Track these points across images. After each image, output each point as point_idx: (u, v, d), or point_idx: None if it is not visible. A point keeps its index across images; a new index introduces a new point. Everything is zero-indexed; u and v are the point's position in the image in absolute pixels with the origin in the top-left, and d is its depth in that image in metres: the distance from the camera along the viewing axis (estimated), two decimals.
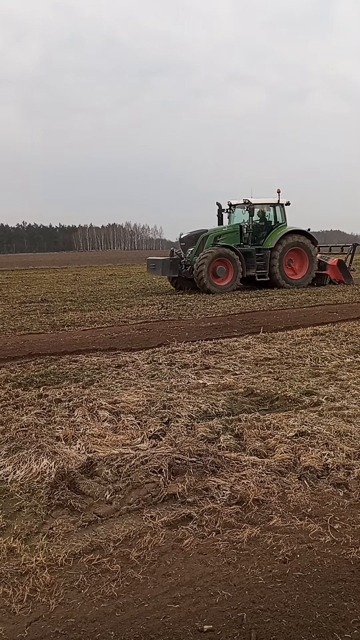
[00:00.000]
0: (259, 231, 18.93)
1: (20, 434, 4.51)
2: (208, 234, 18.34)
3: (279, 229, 18.75)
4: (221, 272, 17.66)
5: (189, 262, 18.08)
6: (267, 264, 18.40)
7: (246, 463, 3.85)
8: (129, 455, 4.02)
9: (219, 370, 6.66)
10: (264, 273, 18.43)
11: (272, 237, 18.53)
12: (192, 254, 18.06)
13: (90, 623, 2.34)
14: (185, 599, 2.48)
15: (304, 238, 18.76)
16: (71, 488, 3.57)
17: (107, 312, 13.20)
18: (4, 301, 16.66)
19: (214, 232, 18.49)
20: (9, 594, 2.53)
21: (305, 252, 18.75)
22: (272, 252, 18.33)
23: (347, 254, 20.28)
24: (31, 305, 15.06)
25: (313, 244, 18.99)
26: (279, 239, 18.34)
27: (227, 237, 18.45)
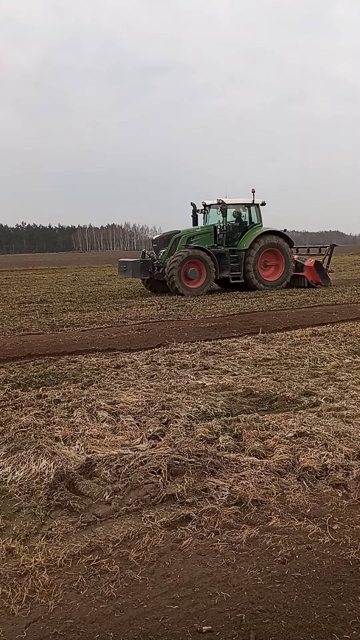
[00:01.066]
0: (234, 232, 18.53)
1: (19, 434, 4.50)
2: (180, 235, 17.92)
3: (254, 230, 18.36)
4: (193, 274, 17.22)
5: (161, 263, 17.61)
6: (241, 266, 18.03)
7: (245, 464, 3.85)
8: (128, 456, 4.02)
9: (218, 371, 6.66)
10: (238, 275, 18.05)
11: (247, 238, 18.15)
12: (164, 256, 17.65)
13: (89, 624, 2.34)
14: (184, 600, 2.48)
15: (280, 239, 18.42)
16: (70, 489, 3.57)
17: (106, 313, 13.20)
18: (3, 302, 16.65)
19: (187, 233, 18.05)
20: (8, 594, 2.52)
21: (281, 254, 18.42)
22: (247, 253, 17.98)
23: (325, 255, 19.93)
24: (30, 306, 15.06)
25: (289, 244, 18.66)
26: (254, 240, 17.97)
27: (201, 238, 18.04)
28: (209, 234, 18.27)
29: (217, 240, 18.31)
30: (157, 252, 18.20)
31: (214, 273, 17.44)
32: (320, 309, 12.46)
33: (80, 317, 12.54)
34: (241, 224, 18.66)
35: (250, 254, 17.95)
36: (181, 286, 16.93)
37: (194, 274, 17.24)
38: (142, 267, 17.63)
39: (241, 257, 17.99)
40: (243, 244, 18.08)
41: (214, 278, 17.59)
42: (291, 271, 18.55)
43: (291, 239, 18.91)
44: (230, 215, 18.62)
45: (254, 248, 17.95)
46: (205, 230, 18.42)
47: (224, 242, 18.32)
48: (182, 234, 18.03)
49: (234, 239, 18.42)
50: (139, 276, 18.08)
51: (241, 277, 18.06)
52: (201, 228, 18.60)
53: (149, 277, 17.97)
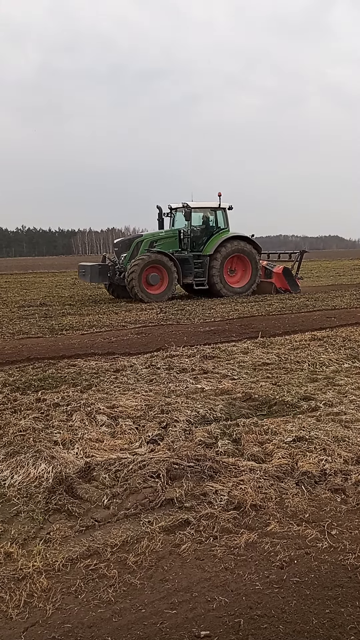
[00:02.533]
0: (200, 237, 17.88)
1: (18, 438, 4.50)
2: (143, 239, 17.31)
3: (220, 235, 17.75)
4: (154, 279, 16.55)
5: (122, 268, 16.96)
6: (206, 272, 17.40)
7: (244, 468, 3.85)
8: (126, 460, 4.01)
9: (217, 375, 6.66)
10: (202, 281, 17.44)
11: (212, 243, 17.53)
12: (125, 260, 17.01)
13: (87, 629, 2.34)
14: (182, 605, 2.48)
15: (247, 244, 17.80)
16: (69, 493, 3.57)
17: (106, 317, 13.20)
18: (2, 305, 16.66)
19: (150, 237, 17.46)
20: (6, 599, 2.52)
21: (248, 259, 17.84)
22: (212, 258, 17.33)
23: (294, 261, 19.37)
24: (30, 309, 15.06)
25: (256, 250, 18.01)
26: (219, 245, 17.36)
27: (165, 242, 17.41)
28: (173, 239, 17.66)
29: (182, 245, 17.67)
30: (118, 256, 17.53)
31: (176, 279, 16.85)
32: (319, 314, 12.47)
33: (80, 320, 12.54)
34: (208, 228, 18.13)
35: (216, 259, 17.34)
36: (141, 292, 16.30)
37: (155, 279, 16.60)
38: (101, 272, 17.07)
39: (206, 263, 17.41)
40: (208, 249, 17.49)
41: (176, 284, 17.06)
42: (259, 278, 18.07)
43: (259, 245, 18.24)
44: (197, 220, 18.09)
45: (219, 253, 17.35)
46: (170, 234, 17.82)
47: (189, 246, 17.61)
48: (144, 237, 17.48)
49: (199, 244, 17.79)
50: (97, 281, 17.64)
51: (205, 283, 17.46)
52: (165, 232, 18.00)
53: (107, 281, 17.47)
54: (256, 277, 18.01)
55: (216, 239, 17.64)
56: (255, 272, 17.98)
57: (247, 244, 17.85)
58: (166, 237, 17.67)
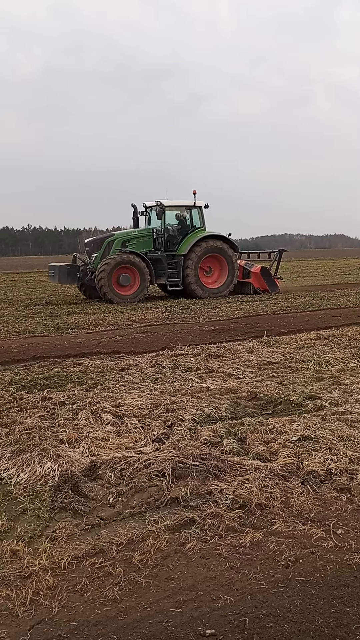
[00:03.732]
0: (174, 236, 17.29)
1: (24, 436, 4.52)
2: (114, 238, 16.80)
3: (195, 234, 17.18)
4: (125, 280, 16.06)
5: (93, 268, 16.42)
6: (180, 272, 16.80)
7: (249, 467, 3.85)
8: (132, 459, 4.02)
9: (222, 374, 6.66)
10: (177, 282, 16.86)
11: (186, 242, 16.94)
12: (96, 260, 16.50)
13: (92, 627, 2.35)
14: (187, 604, 2.49)
15: (223, 244, 17.26)
16: (74, 491, 3.58)
17: (111, 315, 13.22)
18: (8, 304, 16.71)
19: (122, 237, 16.96)
20: (12, 596, 2.53)
21: (225, 259, 17.30)
22: (186, 258, 16.75)
23: (273, 260, 18.79)
24: (36, 308, 15.10)
25: (233, 250, 17.45)
26: (194, 245, 16.79)
27: (138, 242, 16.89)
28: (147, 238, 17.12)
29: (156, 245, 17.15)
30: (89, 256, 17.05)
31: (148, 280, 16.40)
32: (325, 313, 12.44)
33: (85, 319, 12.57)
34: (183, 227, 17.56)
35: (190, 259, 16.77)
36: (111, 293, 15.84)
37: (126, 280, 16.12)
38: (69, 272, 16.67)
39: (180, 263, 16.83)
40: (182, 248, 16.91)
41: (148, 285, 16.61)
42: (236, 278, 17.56)
43: (235, 244, 17.74)
44: (172, 219, 17.53)
45: (194, 253, 16.80)
46: (144, 233, 17.28)
47: (163, 246, 17.07)
48: (116, 237, 16.99)
49: (174, 244, 17.20)
50: (65, 282, 17.18)
51: (180, 283, 16.91)
52: (138, 231, 17.46)
53: (76, 282, 17.13)
54: (233, 277, 17.47)
55: (191, 238, 17.09)
56: (232, 272, 17.43)
57: (223, 243, 17.34)
58: (139, 237, 17.12)
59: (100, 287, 15.86)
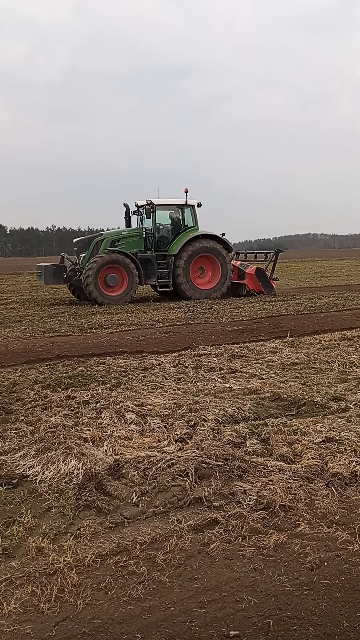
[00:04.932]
0: (166, 236, 16.96)
1: (49, 434, 4.57)
2: (103, 238, 16.44)
3: (187, 234, 16.77)
4: (113, 280, 15.75)
5: (82, 268, 16.09)
6: (170, 273, 16.47)
7: (273, 468, 3.83)
8: (155, 458, 4.03)
9: (245, 375, 6.63)
10: (167, 282, 16.58)
11: (177, 242, 16.55)
12: (84, 260, 16.20)
13: (117, 624, 2.36)
14: (211, 604, 2.48)
15: (216, 243, 16.85)
16: (98, 489, 3.60)
17: (134, 315, 13.28)
18: (33, 303, 16.92)
19: (111, 237, 16.59)
20: (37, 593, 2.56)
21: (218, 260, 16.87)
22: (177, 258, 16.39)
23: (269, 261, 18.34)
24: (60, 308, 15.26)
25: (227, 250, 17.07)
26: (184, 245, 16.40)
27: (128, 241, 16.50)
28: (137, 238, 16.68)
29: (147, 245, 16.77)
30: (78, 256, 16.80)
31: (137, 281, 16.12)
32: (349, 313, 12.29)
33: (109, 319, 12.65)
34: (175, 226, 17.21)
35: (181, 259, 16.39)
36: (98, 294, 15.55)
37: (114, 280, 15.81)
38: (55, 273, 16.36)
39: (171, 263, 16.50)
40: (173, 248, 16.54)
41: (137, 286, 16.36)
42: (229, 279, 17.16)
43: (229, 244, 17.32)
44: (163, 218, 17.23)
45: (185, 253, 16.41)
46: (135, 233, 16.85)
47: (154, 246, 16.73)
48: (104, 236, 16.63)
49: (165, 244, 16.84)
50: (51, 282, 16.92)
51: (170, 284, 16.63)
52: (129, 231, 17.05)
53: (61, 283, 16.93)
54: (226, 278, 17.05)
55: (182, 238, 16.68)
56: (226, 273, 17.00)
57: (216, 243, 16.93)
58: (129, 236, 16.72)
59: (87, 287, 15.57)
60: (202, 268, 17.08)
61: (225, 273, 17.03)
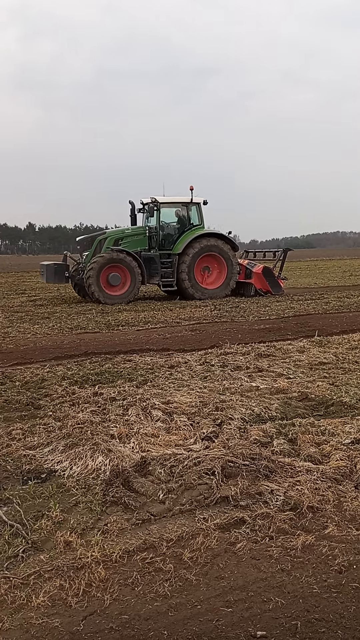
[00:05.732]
0: (171, 234, 16.66)
1: (76, 430, 4.61)
2: (106, 236, 16.23)
3: (192, 232, 16.44)
4: (115, 280, 15.46)
5: (84, 267, 15.85)
6: (174, 272, 16.14)
7: (300, 469, 3.79)
8: (181, 456, 4.04)
9: (272, 374, 6.58)
10: (170, 282, 16.24)
11: (182, 241, 16.23)
12: (87, 259, 15.96)
13: (143, 621, 2.37)
14: (238, 604, 2.47)
15: (222, 242, 16.47)
16: (125, 486, 3.62)
17: (161, 313, 13.32)
18: (61, 300, 17.11)
19: (114, 235, 16.32)
20: (66, 586, 2.59)
21: (223, 259, 16.44)
22: (180, 257, 16.11)
23: (277, 260, 17.78)
24: (87, 305, 15.39)
25: (233, 249, 16.68)
26: (189, 243, 16.09)
27: (132, 240, 16.20)
28: (141, 236, 16.38)
29: (152, 243, 16.43)
30: (81, 255, 16.63)
31: (140, 280, 15.80)
32: None
33: (135, 316, 12.72)
34: (181, 225, 16.87)
35: (185, 258, 16.10)
36: (99, 293, 15.31)
37: (116, 279, 15.51)
38: (56, 271, 16.15)
39: (175, 262, 16.19)
40: (177, 247, 16.23)
41: (140, 285, 16.02)
42: (235, 278, 16.73)
43: (235, 243, 16.99)
44: (168, 216, 16.86)
45: (189, 252, 16.12)
46: (139, 231, 16.53)
47: (159, 245, 16.38)
48: (107, 235, 16.41)
49: (170, 242, 16.52)
50: (52, 281, 16.72)
51: (173, 284, 16.31)
52: (132, 229, 16.70)
53: (64, 282, 16.70)
54: (232, 277, 16.67)
55: (187, 236, 16.37)
56: (231, 273, 16.62)
57: (222, 242, 16.55)
58: (133, 235, 16.38)
59: (89, 287, 15.38)
60: (207, 267, 16.77)
61: (231, 273, 16.68)
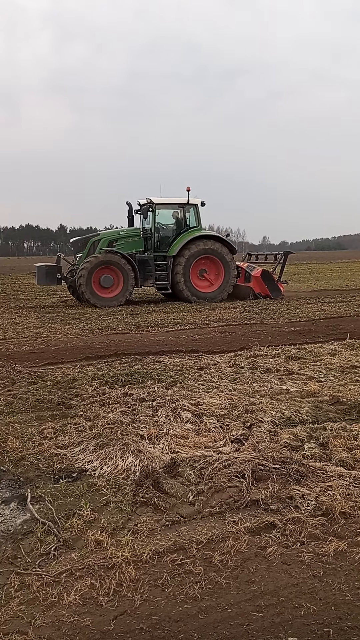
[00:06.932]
0: (167, 236, 16.44)
1: (107, 430, 4.65)
2: (100, 238, 16.05)
3: (188, 234, 16.19)
4: (107, 282, 15.31)
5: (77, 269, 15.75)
6: (169, 274, 15.97)
7: (332, 474, 3.73)
8: (211, 458, 4.03)
9: (303, 377, 6.51)
10: (165, 284, 16.12)
11: (177, 243, 16.01)
12: (80, 260, 15.79)
13: (174, 623, 2.37)
14: (269, 609, 2.45)
15: (219, 245, 16.21)
16: (155, 487, 3.63)
17: (190, 314, 13.32)
18: None
19: (108, 236, 16.21)
20: (97, 585, 2.61)
21: (221, 262, 16.20)
22: (176, 260, 15.89)
23: (277, 263, 17.45)
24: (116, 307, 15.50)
25: (230, 251, 16.35)
26: (184, 246, 15.86)
27: (127, 242, 16.05)
28: (137, 238, 16.18)
29: (147, 245, 16.25)
30: (75, 256, 16.47)
31: (132, 283, 15.63)
32: None
33: (164, 318, 12.75)
34: (178, 227, 16.66)
35: (180, 261, 15.86)
36: (90, 295, 15.15)
37: (108, 281, 15.36)
38: (48, 273, 15.96)
39: (170, 265, 16.01)
40: (173, 249, 16.00)
41: (132, 287, 15.83)
42: (232, 282, 16.44)
43: (233, 246, 16.71)
44: (164, 217, 16.69)
45: (185, 254, 15.89)
46: (134, 232, 16.34)
47: (154, 246, 16.21)
48: (101, 236, 16.24)
49: (166, 244, 16.31)
50: (44, 283, 16.48)
51: (168, 286, 16.18)
52: (127, 230, 16.57)
53: (56, 284, 16.47)
54: (229, 280, 16.38)
55: (182, 238, 16.11)
56: (229, 276, 16.36)
57: (219, 245, 16.28)
58: (128, 236, 16.24)
59: (79, 287, 15.26)
60: (203, 270, 16.48)
61: (229, 276, 16.40)
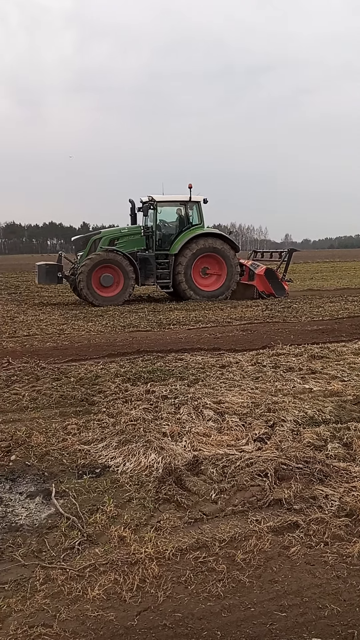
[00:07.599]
0: (169, 234, 16.23)
1: (129, 427, 4.68)
2: (101, 236, 15.85)
3: (190, 232, 15.95)
4: (107, 280, 15.15)
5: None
6: (171, 273, 15.78)
7: (356, 474, 3.70)
8: (234, 457, 4.02)
9: (326, 376, 6.45)
10: (166, 283, 15.90)
11: (179, 241, 15.78)
12: (81, 259, 15.64)
13: (197, 620, 2.38)
14: (292, 609, 2.44)
15: (221, 243, 15.95)
16: (178, 484, 3.64)
17: (211, 312, 13.30)
18: None
19: (109, 235, 15.99)
20: (120, 581, 2.63)
21: (223, 260, 15.95)
22: (177, 258, 15.66)
23: (281, 261, 17.13)
24: (139, 304, 15.57)
25: (233, 249, 16.12)
26: (186, 243, 15.63)
27: (128, 240, 15.80)
28: (138, 236, 15.94)
29: (149, 243, 16.03)
30: (76, 255, 16.30)
31: (132, 280, 15.43)
32: None
33: (186, 315, 12.76)
34: (180, 224, 16.40)
35: (182, 259, 15.65)
36: (90, 294, 15.02)
37: (108, 280, 15.21)
38: (48, 272, 15.85)
39: (172, 263, 15.79)
40: (174, 247, 15.79)
41: (133, 286, 15.64)
42: (235, 280, 16.20)
43: (236, 244, 16.44)
44: (167, 215, 16.44)
45: (187, 252, 15.67)
46: (135, 231, 16.09)
47: (156, 244, 15.97)
48: (102, 234, 16.07)
49: (169, 242, 16.10)
50: (44, 282, 16.48)
51: (170, 285, 15.97)
52: (129, 228, 16.27)
53: (56, 282, 16.31)
54: (231, 279, 16.16)
55: (184, 236, 15.89)
56: (232, 274, 16.13)
57: (221, 243, 16.04)
58: (129, 235, 15.99)
59: (80, 287, 15.19)
60: (206, 268, 16.28)
61: (231, 274, 16.20)
